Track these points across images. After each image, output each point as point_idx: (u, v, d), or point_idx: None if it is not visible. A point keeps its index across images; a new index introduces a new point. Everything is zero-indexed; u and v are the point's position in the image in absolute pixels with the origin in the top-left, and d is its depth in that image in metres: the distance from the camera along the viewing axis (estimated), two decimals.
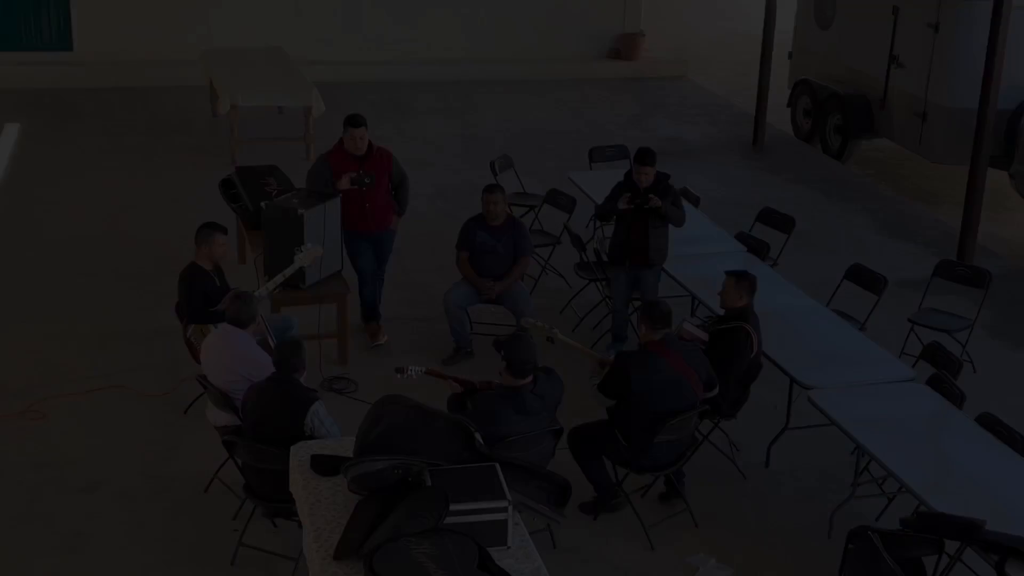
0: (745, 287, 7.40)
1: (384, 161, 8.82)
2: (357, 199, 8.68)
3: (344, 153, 8.71)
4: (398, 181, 8.96)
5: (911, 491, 6.31)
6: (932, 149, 12.99)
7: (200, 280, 7.83)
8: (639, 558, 6.77)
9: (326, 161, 8.71)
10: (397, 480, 5.18)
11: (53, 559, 6.51)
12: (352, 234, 8.82)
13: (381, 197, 8.82)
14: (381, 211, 8.84)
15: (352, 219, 8.74)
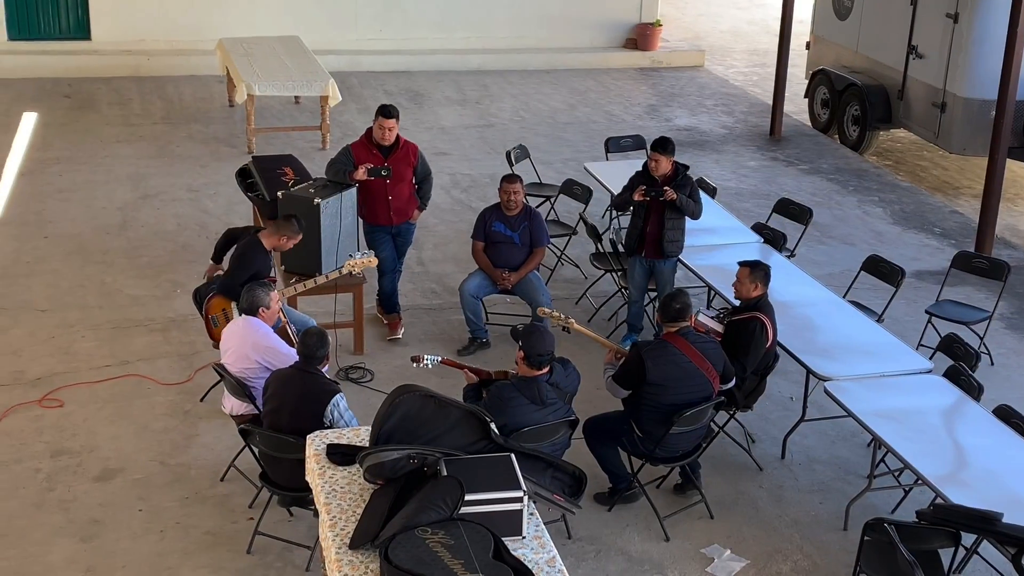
0: (759, 277, 7.37)
1: (410, 155, 8.79)
2: (381, 192, 8.65)
3: (369, 144, 8.68)
4: (422, 176, 8.93)
5: (927, 483, 6.29)
6: (950, 140, 12.92)
7: (258, 256, 7.80)
8: (654, 549, 6.77)
9: (348, 150, 8.70)
10: (413, 470, 5.19)
11: (70, 546, 6.55)
12: (373, 227, 8.81)
13: (405, 191, 8.79)
14: (404, 205, 8.81)
15: (374, 212, 8.73)
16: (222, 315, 7.74)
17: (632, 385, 6.78)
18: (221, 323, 7.70)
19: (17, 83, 15.03)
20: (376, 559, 4.78)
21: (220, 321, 7.73)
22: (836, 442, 7.89)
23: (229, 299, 7.71)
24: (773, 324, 7.34)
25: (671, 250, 8.56)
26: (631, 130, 13.49)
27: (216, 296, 7.79)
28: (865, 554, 5.96)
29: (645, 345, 6.88)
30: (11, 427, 7.63)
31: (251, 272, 7.73)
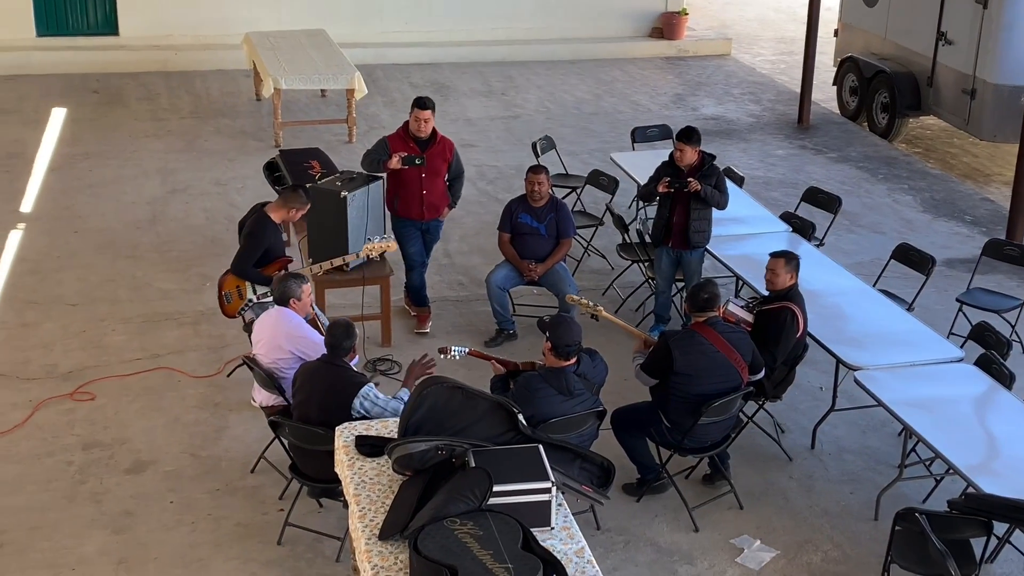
0: (794, 267, 7.34)
1: (446, 150, 8.76)
2: (415, 185, 8.61)
3: (406, 136, 8.65)
4: (456, 174, 8.90)
5: (959, 472, 6.24)
6: (980, 127, 12.81)
7: (268, 230, 7.80)
8: (683, 539, 6.76)
9: (385, 141, 8.69)
10: (441, 461, 5.20)
11: (102, 538, 6.60)
12: (404, 220, 8.77)
13: (439, 186, 8.76)
14: (437, 200, 8.78)
15: (407, 205, 8.70)
16: (235, 292, 7.78)
17: (659, 375, 6.77)
18: (234, 300, 7.76)
19: (46, 79, 15.14)
20: (405, 550, 4.79)
21: (233, 298, 7.78)
22: (866, 432, 7.86)
23: (242, 279, 7.74)
24: (804, 314, 7.30)
25: (697, 240, 8.52)
26: (657, 120, 13.45)
27: (229, 273, 7.82)
28: (896, 544, 5.93)
29: (673, 335, 6.86)
30: (43, 420, 7.70)
31: (263, 248, 7.74)
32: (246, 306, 7.82)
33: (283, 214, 7.85)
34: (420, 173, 8.57)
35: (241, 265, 7.76)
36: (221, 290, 7.84)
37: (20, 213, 11.03)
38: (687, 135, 8.45)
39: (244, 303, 7.79)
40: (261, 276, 7.76)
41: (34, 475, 7.14)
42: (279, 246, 7.91)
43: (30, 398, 7.94)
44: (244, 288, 7.75)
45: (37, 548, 6.50)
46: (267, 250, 7.79)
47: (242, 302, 7.79)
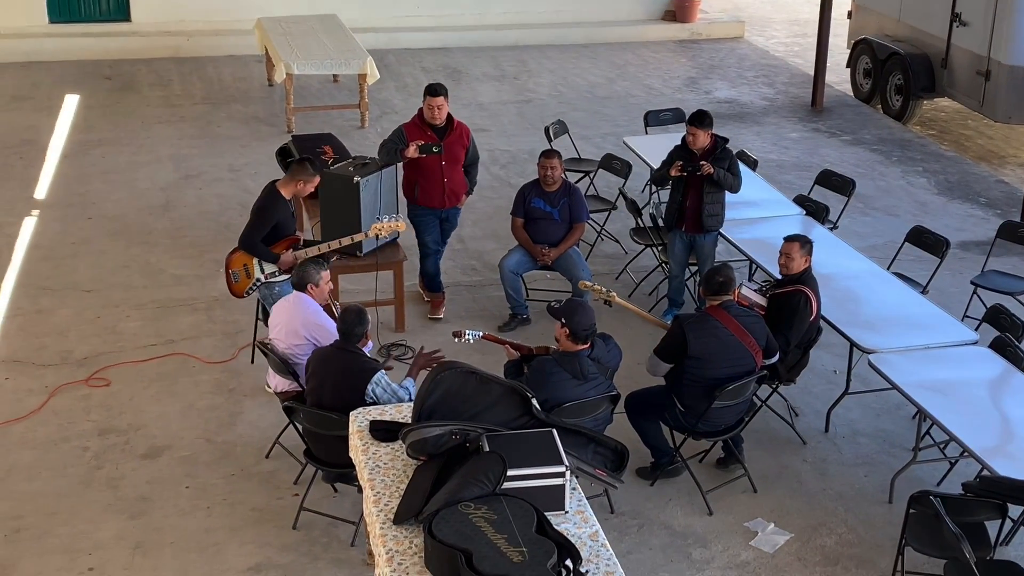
0: (808, 250, 7.33)
1: (463, 137, 8.73)
2: (436, 174, 8.56)
3: (422, 124, 8.60)
4: (472, 160, 8.86)
5: (974, 455, 6.24)
6: (995, 108, 12.74)
7: (277, 206, 7.77)
8: (697, 523, 6.76)
9: (401, 130, 8.65)
10: (455, 446, 5.21)
11: (119, 523, 6.64)
12: (424, 209, 8.72)
13: (459, 174, 8.72)
14: (457, 187, 8.75)
15: (428, 194, 8.65)
16: (242, 271, 7.79)
17: (673, 358, 6.77)
18: (241, 278, 7.77)
19: (58, 66, 15.17)
20: (420, 534, 4.81)
21: (240, 276, 7.79)
22: (880, 415, 7.84)
23: (250, 254, 7.74)
24: (817, 297, 7.29)
25: (711, 224, 8.50)
26: (670, 103, 13.41)
27: (237, 251, 7.82)
28: (910, 527, 5.93)
29: (687, 318, 6.86)
30: (59, 406, 7.74)
31: (271, 223, 7.72)
32: (254, 286, 7.82)
33: (292, 188, 7.80)
34: (440, 161, 8.53)
35: (249, 239, 7.75)
36: (228, 268, 7.85)
37: (34, 200, 11.07)
38: (699, 119, 8.42)
39: (252, 282, 7.79)
40: (269, 252, 7.74)
41: (50, 461, 7.19)
42: (289, 223, 7.86)
43: (46, 384, 7.98)
44: (252, 267, 7.76)
45: (54, 533, 6.54)
46: (277, 227, 7.75)
47: (250, 281, 7.80)
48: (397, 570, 4.68)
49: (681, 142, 8.61)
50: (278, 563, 6.34)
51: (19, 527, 6.58)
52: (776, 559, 6.50)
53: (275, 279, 7.74)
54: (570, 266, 8.63)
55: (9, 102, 13.82)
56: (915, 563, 6.18)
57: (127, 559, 6.36)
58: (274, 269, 7.74)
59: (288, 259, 7.72)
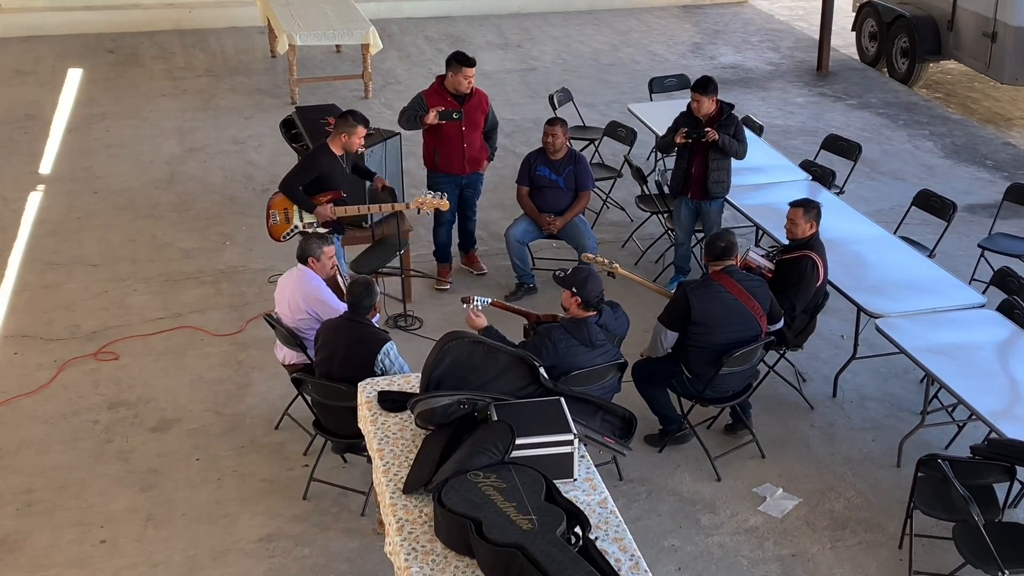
0: (813, 215, 7.30)
1: (482, 103, 8.73)
2: (456, 140, 8.57)
3: (442, 91, 8.60)
4: (491, 126, 8.87)
5: (982, 418, 6.24)
6: (1001, 70, 12.66)
7: (325, 158, 7.79)
8: (706, 489, 6.79)
9: (421, 97, 8.64)
10: (463, 415, 5.23)
11: (130, 496, 6.68)
12: (446, 176, 8.70)
13: (478, 139, 8.73)
14: (477, 153, 8.75)
15: (449, 160, 8.65)
16: (282, 214, 7.84)
17: (678, 325, 6.77)
18: (280, 222, 7.83)
19: (61, 39, 15.12)
20: (430, 503, 4.83)
21: (280, 219, 7.84)
22: (888, 379, 7.85)
23: (287, 198, 7.79)
24: (824, 262, 7.27)
25: (716, 191, 8.48)
26: (675, 69, 13.35)
27: (279, 194, 7.88)
28: (919, 490, 5.94)
29: (690, 283, 6.86)
30: (68, 380, 7.77)
31: (313, 173, 7.76)
32: (291, 231, 7.86)
33: (339, 143, 7.80)
34: (460, 127, 8.54)
35: (287, 182, 7.79)
36: (269, 209, 7.91)
37: (39, 175, 11.06)
38: (703, 85, 8.38)
39: (290, 227, 7.85)
40: (306, 200, 7.76)
41: (61, 435, 7.22)
42: (336, 178, 7.83)
43: (55, 359, 8.00)
44: (291, 212, 7.80)
45: (66, 506, 6.58)
46: (321, 179, 7.76)
47: (288, 226, 7.85)
48: (407, 539, 4.70)
49: (686, 109, 8.57)
50: (289, 533, 6.38)
51: (31, 501, 6.62)
52: (785, 524, 6.52)
53: (311, 229, 7.77)
54: (576, 235, 8.62)
55: (12, 77, 13.80)
56: (923, 526, 6.21)
57: (139, 531, 6.40)
58: (313, 220, 7.78)
59: (325, 212, 7.76)
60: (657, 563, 6.11)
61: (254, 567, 6.15)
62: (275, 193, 7.91)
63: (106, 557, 6.21)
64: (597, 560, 4.45)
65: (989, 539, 5.41)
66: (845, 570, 6.17)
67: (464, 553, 4.58)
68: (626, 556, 4.62)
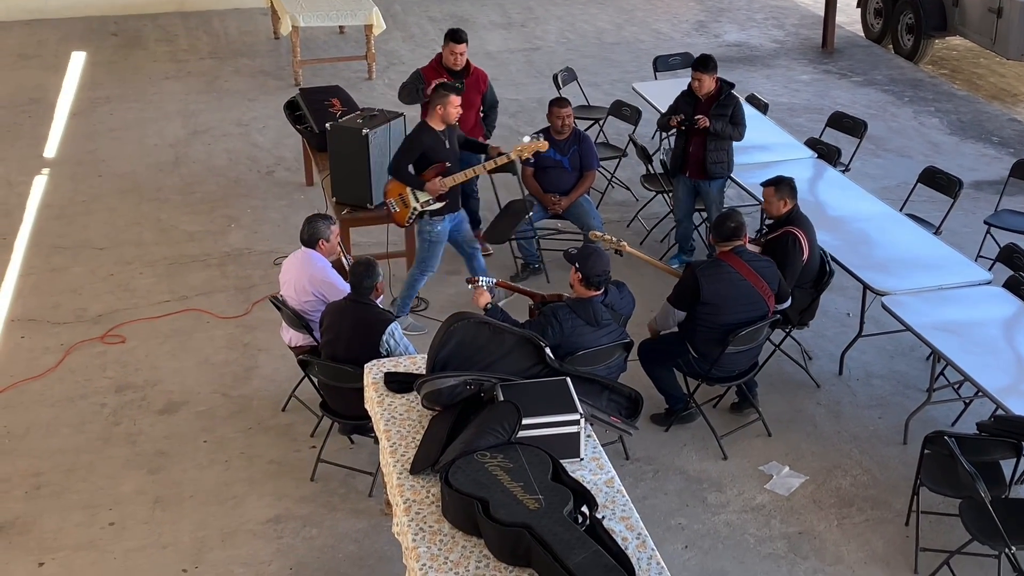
0: (785, 192, 7.28)
1: (480, 82, 8.76)
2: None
3: (439, 68, 8.67)
4: (491, 105, 8.91)
5: (988, 395, 6.23)
6: (1007, 46, 12.61)
7: (426, 134, 7.81)
8: (712, 467, 6.79)
9: (419, 73, 8.69)
10: (470, 396, 5.23)
11: (138, 478, 6.70)
12: None
13: (472, 118, 8.75)
14: (470, 131, 8.73)
15: None
16: (399, 200, 7.88)
17: (687, 305, 6.76)
18: (399, 208, 7.88)
19: (64, 23, 15.10)
20: (436, 483, 4.84)
21: (398, 206, 7.89)
22: (894, 357, 7.84)
23: (397, 180, 7.83)
24: (807, 236, 7.24)
25: (715, 171, 8.45)
26: (679, 48, 13.31)
27: (390, 181, 7.92)
28: (925, 467, 5.95)
29: (699, 264, 6.84)
30: (75, 364, 7.79)
31: (416, 151, 7.77)
32: (412, 213, 7.89)
33: (437, 116, 7.80)
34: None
35: (393, 163, 7.85)
36: (386, 199, 7.95)
37: (44, 158, 11.06)
38: (703, 64, 8.36)
39: (410, 211, 7.87)
40: (415, 179, 7.80)
41: (68, 418, 7.24)
42: (439, 152, 7.83)
43: (61, 342, 8.02)
44: (407, 195, 7.83)
45: (74, 489, 6.60)
46: (426, 155, 7.78)
47: (408, 210, 7.88)
48: (415, 519, 4.72)
49: (687, 88, 8.54)
50: (297, 515, 6.40)
51: (39, 484, 6.64)
52: (791, 502, 6.53)
53: (430, 206, 7.81)
54: (581, 214, 8.61)
55: (15, 61, 13.78)
56: (930, 503, 6.22)
57: (147, 513, 6.42)
58: (428, 197, 7.81)
59: (434, 186, 7.77)
60: (664, 541, 6.13)
61: (262, 548, 6.17)
62: (387, 182, 7.95)
63: (114, 539, 6.24)
64: (604, 539, 4.45)
65: (996, 515, 5.42)
66: (852, 547, 6.18)
67: (471, 533, 4.59)
68: (633, 535, 4.63)
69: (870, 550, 6.17)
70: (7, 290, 8.72)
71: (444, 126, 7.80)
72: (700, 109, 8.34)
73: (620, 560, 4.31)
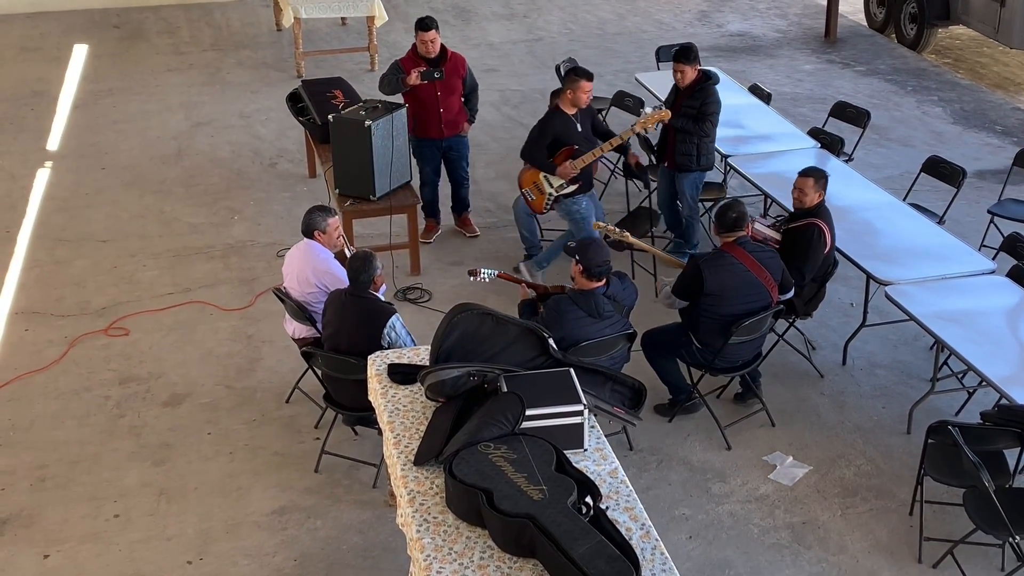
0: (822, 185, 7.27)
1: (458, 67, 8.84)
2: (432, 104, 8.72)
3: (416, 58, 8.76)
4: (471, 88, 9.00)
5: (992, 384, 6.23)
6: (1011, 34, 12.57)
7: (557, 119, 8.05)
8: (716, 458, 6.80)
9: (398, 64, 8.79)
10: (473, 387, 5.24)
11: (143, 470, 6.71)
12: (423, 140, 8.88)
13: (455, 103, 8.85)
14: (454, 117, 8.87)
15: (425, 125, 8.79)
16: (534, 187, 8.09)
17: (690, 296, 6.76)
18: (536, 195, 8.12)
19: (66, 15, 15.09)
20: (440, 475, 4.85)
21: (534, 194, 8.12)
22: (898, 346, 7.84)
23: (529, 163, 7.99)
24: (831, 229, 7.25)
25: (683, 163, 8.44)
26: (682, 38, 13.28)
27: (524, 169, 8.12)
28: (929, 457, 5.95)
29: (702, 256, 6.85)
30: (79, 356, 7.80)
31: (547, 135, 8.04)
32: (548, 200, 8.10)
33: (567, 100, 8.01)
34: (436, 92, 8.68)
35: (526, 148, 8.14)
36: (521, 188, 8.15)
37: (47, 151, 11.06)
38: (685, 54, 8.41)
39: (546, 197, 8.06)
40: (547, 163, 8.02)
41: (73, 410, 7.25)
42: (569, 136, 8.04)
43: (65, 335, 8.03)
44: (541, 183, 8.05)
45: (79, 481, 6.61)
46: (557, 140, 8.01)
47: (543, 196, 8.07)
48: (419, 510, 4.72)
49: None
50: (301, 506, 6.41)
51: (44, 476, 6.66)
52: (795, 492, 6.53)
53: (565, 190, 8.02)
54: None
55: (18, 53, 13.78)
56: (934, 492, 6.22)
57: (152, 505, 6.44)
58: (561, 182, 7.99)
59: (565, 169, 7.96)
60: (668, 532, 6.13)
61: (267, 539, 6.18)
62: (521, 171, 8.13)
63: (120, 531, 6.25)
64: (608, 530, 4.46)
65: (1000, 505, 5.42)
66: (855, 537, 6.19)
67: (475, 524, 4.60)
68: (637, 525, 4.63)
69: (874, 540, 6.17)
70: (11, 283, 8.73)
71: (575, 110, 8.02)
72: (677, 101, 8.39)
73: (624, 550, 4.32)
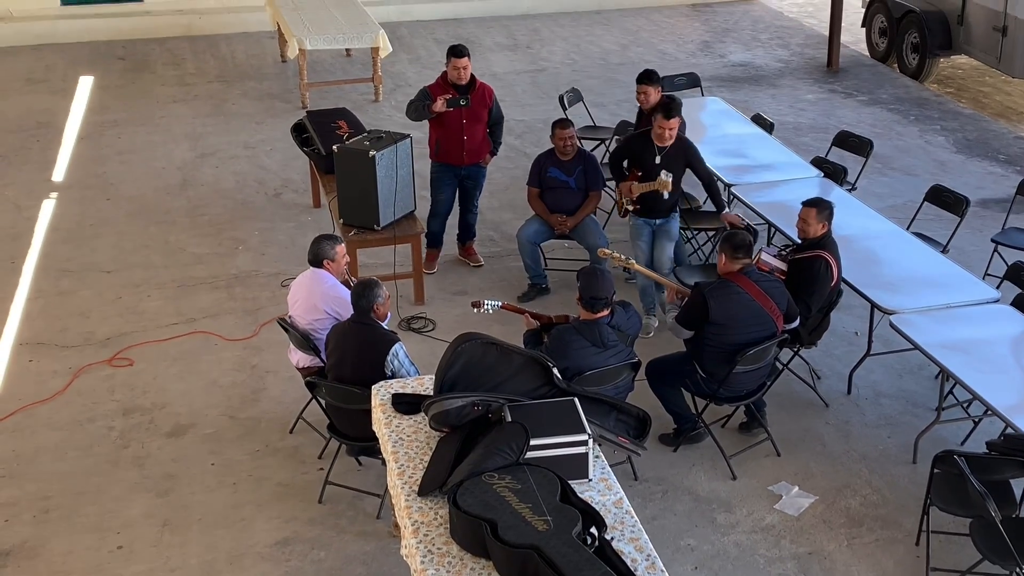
0: (825, 216, 7.26)
1: (486, 96, 8.87)
2: (456, 131, 8.74)
3: (445, 85, 8.80)
4: (496, 120, 9.02)
5: (997, 414, 6.22)
6: (1013, 64, 12.62)
7: (636, 141, 8.35)
8: (721, 487, 6.77)
9: (426, 90, 8.82)
10: (477, 417, 5.23)
11: (146, 501, 6.69)
12: (444, 166, 8.91)
13: (480, 132, 8.88)
14: (477, 146, 8.89)
15: (447, 150, 8.82)
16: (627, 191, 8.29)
17: (695, 325, 6.76)
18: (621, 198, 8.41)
19: (72, 47, 15.18)
20: (445, 505, 4.83)
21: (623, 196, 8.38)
22: (903, 376, 7.83)
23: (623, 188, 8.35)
24: (838, 262, 7.24)
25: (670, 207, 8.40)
26: (685, 68, 13.33)
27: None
28: (935, 487, 5.92)
29: (708, 285, 6.84)
30: (83, 387, 7.79)
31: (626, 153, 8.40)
32: (626, 206, 8.35)
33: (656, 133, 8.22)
34: (462, 119, 8.70)
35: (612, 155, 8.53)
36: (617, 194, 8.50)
37: (52, 182, 11.10)
38: (648, 77, 8.72)
39: (624, 204, 8.38)
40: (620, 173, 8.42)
41: (77, 441, 7.24)
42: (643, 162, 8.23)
43: (69, 365, 8.03)
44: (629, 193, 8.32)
45: (83, 512, 6.60)
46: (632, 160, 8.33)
47: (623, 202, 8.39)
48: (423, 541, 4.71)
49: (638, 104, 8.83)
50: (305, 537, 6.39)
51: (48, 507, 6.64)
52: (801, 522, 6.51)
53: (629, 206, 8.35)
54: (587, 234, 8.62)
55: (24, 85, 13.85)
56: (940, 523, 6.19)
57: (155, 536, 6.42)
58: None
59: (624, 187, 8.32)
60: (673, 563, 6.10)
61: (270, 571, 6.16)
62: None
63: (123, 563, 6.23)
64: (613, 560, 4.44)
65: (1007, 535, 5.39)
66: (862, 567, 6.16)
67: (480, 555, 4.58)
68: (642, 556, 4.62)
69: (880, 570, 6.14)
70: (16, 314, 8.74)
71: (663, 144, 8.14)
72: (643, 122, 8.49)
73: None
